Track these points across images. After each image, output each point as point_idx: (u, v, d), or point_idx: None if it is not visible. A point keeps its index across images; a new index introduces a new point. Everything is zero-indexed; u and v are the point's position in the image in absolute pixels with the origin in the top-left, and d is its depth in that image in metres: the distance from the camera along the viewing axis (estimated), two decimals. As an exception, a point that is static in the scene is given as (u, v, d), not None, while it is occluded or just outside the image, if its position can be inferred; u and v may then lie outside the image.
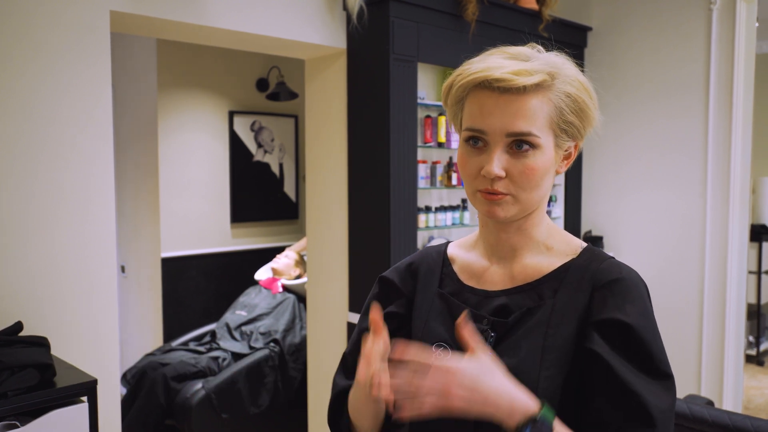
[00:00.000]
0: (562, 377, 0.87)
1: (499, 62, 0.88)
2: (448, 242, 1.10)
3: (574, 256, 0.95)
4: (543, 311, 0.91)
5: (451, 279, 1.03)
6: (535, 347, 0.89)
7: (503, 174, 0.88)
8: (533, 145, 0.88)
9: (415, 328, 1.03)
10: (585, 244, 0.98)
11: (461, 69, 0.92)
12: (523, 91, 0.86)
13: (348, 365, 1.07)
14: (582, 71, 0.94)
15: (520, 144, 0.88)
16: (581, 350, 0.88)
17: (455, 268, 1.04)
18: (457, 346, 0.93)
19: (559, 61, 0.91)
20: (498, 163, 0.88)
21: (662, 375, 0.85)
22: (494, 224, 0.97)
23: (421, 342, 0.99)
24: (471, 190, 0.93)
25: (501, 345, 0.92)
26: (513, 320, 0.92)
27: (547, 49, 0.95)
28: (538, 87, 0.87)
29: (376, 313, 0.88)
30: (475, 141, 0.90)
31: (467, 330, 0.84)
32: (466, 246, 1.06)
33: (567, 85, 0.89)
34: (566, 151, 0.94)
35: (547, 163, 0.90)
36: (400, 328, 1.05)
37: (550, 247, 0.97)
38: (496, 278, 0.98)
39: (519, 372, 0.87)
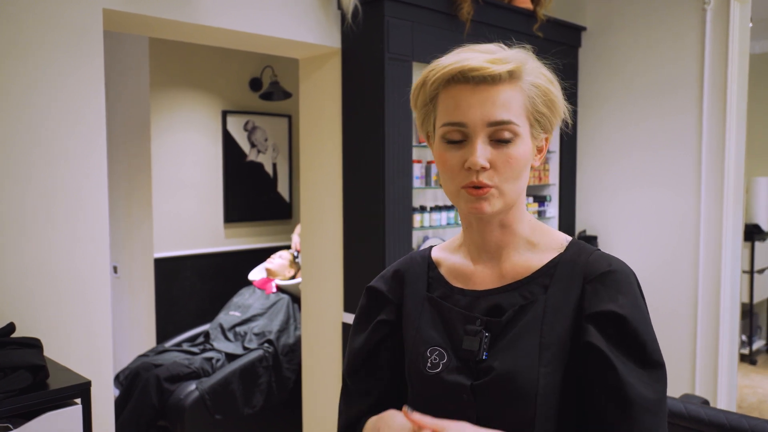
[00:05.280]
0: (561, 373, 0.88)
1: (471, 55, 0.89)
2: (431, 246, 1.09)
3: (561, 251, 0.95)
4: (536, 308, 0.91)
5: (439, 282, 1.02)
6: (531, 345, 0.89)
7: (488, 165, 0.87)
8: (514, 134, 0.88)
9: (407, 335, 1.01)
10: (570, 238, 0.98)
11: (432, 65, 0.93)
12: (497, 81, 0.87)
13: (351, 391, 1.05)
14: (547, 67, 0.95)
15: (501, 133, 0.88)
16: (577, 344, 0.88)
17: (442, 271, 1.03)
18: (452, 349, 0.94)
19: (523, 55, 0.92)
20: (482, 153, 0.87)
21: (655, 364, 0.87)
22: (479, 223, 0.96)
23: (415, 348, 0.98)
24: (454, 188, 0.91)
25: (496, 345, 0.91)
26: (506, 319, 0.92)
27: (542, 48, 0.95)
28: (510, 77, 0.88)
29: (416, 417, 0.84)
30: (454, 136, 0.90)
31: (418, 420, 0.83)
32: (450, 249, 1.05)
33: (534, 77, 0.90)
34: (539, 143, 0.94)
35: (527, 153, 0.90)
36: (390, 336, 1.04)
37: (536, 243, 0.97)
38: (485, 278, 0.97)
39: (518, 371, 0.88)
